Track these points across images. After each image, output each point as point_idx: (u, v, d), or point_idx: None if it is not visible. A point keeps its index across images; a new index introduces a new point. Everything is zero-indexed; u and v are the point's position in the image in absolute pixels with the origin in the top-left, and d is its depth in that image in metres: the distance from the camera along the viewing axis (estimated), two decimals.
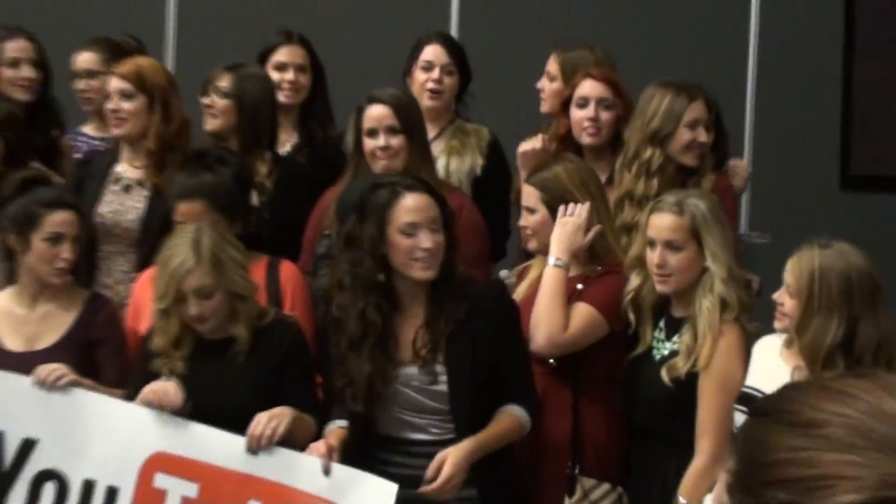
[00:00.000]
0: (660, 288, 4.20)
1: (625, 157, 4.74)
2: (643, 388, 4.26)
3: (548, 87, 5.14)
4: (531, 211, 4.37)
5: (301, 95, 5.26)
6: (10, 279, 4.56)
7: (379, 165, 4.57)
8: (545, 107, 5.14)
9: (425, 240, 4.01)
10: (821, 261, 3.86)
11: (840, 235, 4.03)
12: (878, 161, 6.12)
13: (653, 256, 4.19)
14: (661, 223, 4.19)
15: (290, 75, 5.23)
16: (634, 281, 4.34)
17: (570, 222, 4.42)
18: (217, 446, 4.24)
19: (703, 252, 4.20)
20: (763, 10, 6.58)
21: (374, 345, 4.06)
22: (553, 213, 4.39)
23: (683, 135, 4.55)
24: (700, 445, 4.14)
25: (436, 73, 5.17)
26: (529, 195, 4.42)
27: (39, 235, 4.29)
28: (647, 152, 4.65)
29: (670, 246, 4.16)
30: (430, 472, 3.90)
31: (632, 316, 4.31)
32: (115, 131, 4.96)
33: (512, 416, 4.10)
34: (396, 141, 4.59)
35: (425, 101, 5.15)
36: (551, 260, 4.33)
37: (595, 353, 4.40)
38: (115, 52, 5.46)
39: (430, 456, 3.98)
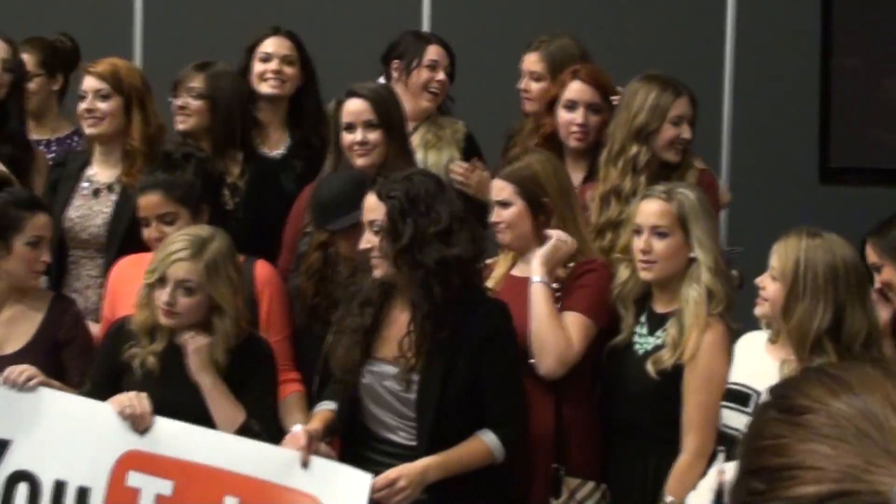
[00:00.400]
0: (643, 275, 4.20)
1: (609, 153, 4.72)
2: (627, 383, 4.24)
3: (534, 87, 5.12)
4: (505, 205, 4.33)
5: (287, 87, 5.22)
6: None
7: (357, 160, 4.57)
8: (530, 107, 5.12)
9: (363, 241, 4.01)
10: (807, 247, 3.88)
11: (820, 227, 4.01)
12: (857, 154, 6.12)
13: (638, 242, 4.18)
14: (649, 209, 4.20)
15: (273, 65, 5.19)
16: (623, 273, 4.32)
17: (564, 249, 4.39)
18: (190, 442, 4.23)
19: (689, 241, 4.20)
20: (740, 4, 6.61)
21: (359, 332, 4.05)
22: (530, 203, 4.35)
23: (668, 131, 4.56)
24: (686, 442, 4.18)
25: (441, 75, 5.21)
26: (502, 189, 4.38)
27: (22, 239, 4.29)
28: (633, 149, 4.66)
29: (656, 232, 4.16)
30: (378, 482, 3.90)
31: (622, 310, 4.31)
32: (90, 131, 4.93)
33: (481, 442, 4.05)
34: (374, 136, 4.58)
35: (425, 102, 5.22)
36: (536, 278, 4.27)
37: None
38: (48, 52, 5.59)
39: (398, 458, 3.99)
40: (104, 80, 4.91)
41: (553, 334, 4.24)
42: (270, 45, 5.26)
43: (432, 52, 5.26)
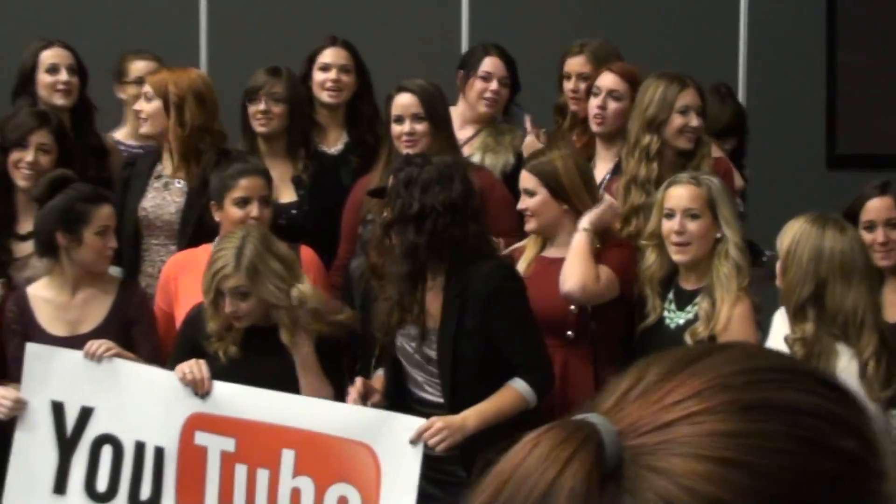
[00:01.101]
0: (678, 258, 4.34)
1: (628, 145, 4.88)
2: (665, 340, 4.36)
3: (583, 87, 5.25)
4: (530, 193, 4.48)
5: (344, 95, 5.37)
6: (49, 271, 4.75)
7: (405, 149, 4.72)
8: (579, 106, 5.25)
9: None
10: (803, 231, 4.08)
11: (827, 212, 4.22)
12: (862, 141, 6.17)
13: (672, 225, 4.31)
14: (681, 193, 4.35)
15: (332, 74, 5.33)
16: (651, 256, 4.49)
17: (613, 210, 4.61)
18: (248, 403, 4.38)
19: (717, 222, 4.34)
20: (751, 4, 6.74)
21: (393, 299, 4.26)
22: (553, 193, 4.49)
23: (676, 120, 4.69)
24: None
25: (494, 84, 5.32)
26: (528, 179, 4.54)
27: (91, 230, 4.49)
28: (646, 139, 4.76)
29: (689, 214, 4.30)
30: (423, 428, 4.03)
31: (648, 290, 4.45)
32: (141, 130, 5.17)
33: (513, 389, 4.17)
34: (421, 127, 4.75)
35: (481, 109, 5.33)
36: (583, 224, 4.40)
37: (607, 323, 4.52)
38: (161, 63, 5.65)
39: (428, 415, 4.11)
40: (151, 85, 5.13)
41: (582, 264, 4.37)
42: (329, 55, 5.39)
43: (486, 64, 5.35)
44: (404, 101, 4.81)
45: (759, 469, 0.87)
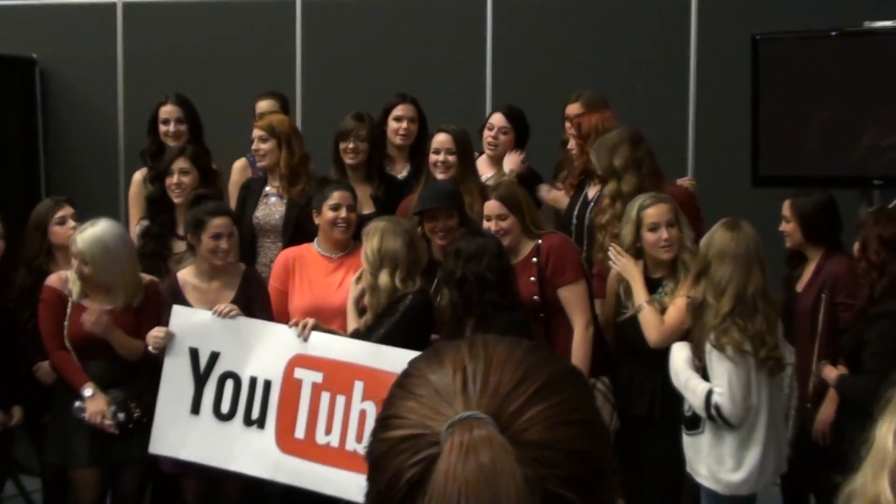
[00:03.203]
0: (666, 256, 4.72)
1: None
2: (639, 329, 4.74)
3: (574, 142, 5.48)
4: (501, 218, 4.81)
5: (411, 139, 5.80)
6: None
7: (438, 175, 5.21)
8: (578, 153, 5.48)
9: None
10: (715, 232, 4.49)
11: (752, 221, 4.57)
12: (780, 165, 6.09)
13: (661, 233, 4.67)
14: (661, 210, 4.68)
15: (405, 125, 5.77)
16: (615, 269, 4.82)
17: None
18: (334, 348, 4.61)
19: (679, 226, 4.72)
20: (699, 64, 7.22)
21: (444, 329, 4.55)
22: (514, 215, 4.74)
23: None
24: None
25: (493, 133, 5.73)
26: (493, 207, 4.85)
27: (206, 234, 4.88)
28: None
29: (670, 224, 4.70)
30: None
31: (622, 291, 4.80)
32: (259, 163, 5.65)
33: None
34: (452, 158, 5.21)
35: (486, 151, 5.75)
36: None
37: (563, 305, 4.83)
38: (283, 101, 6.39)
39: None
40: (264, 129, 5.59)
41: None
42: (401, 109, 5.78)
43: (492, 118, 5.81)
44: (441, 139, 5.22)
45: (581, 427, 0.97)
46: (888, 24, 5.95)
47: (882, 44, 5.91)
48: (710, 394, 4.39)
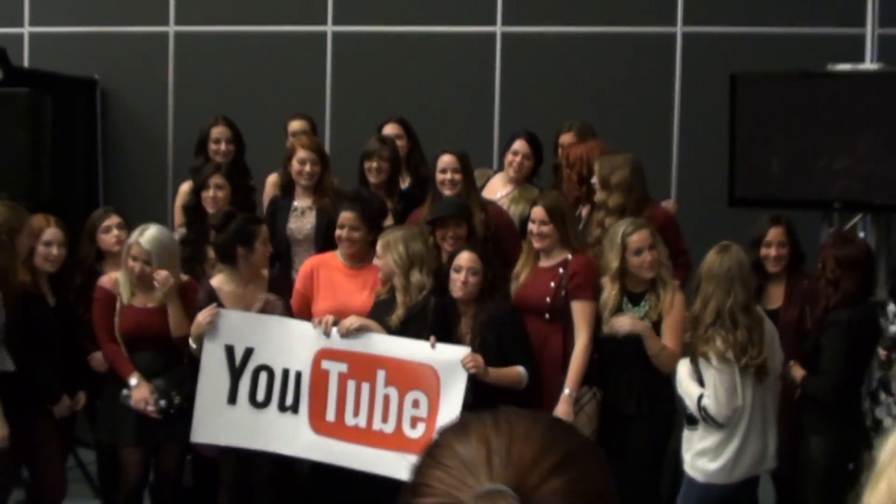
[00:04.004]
0: (649, 275, 4.92)
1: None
2: (622, 339, 4.93)
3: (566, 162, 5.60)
4: (545, 223, 5.02)
5: (402, 153, 6.05)
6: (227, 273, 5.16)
7: (445, 191, 5.41)
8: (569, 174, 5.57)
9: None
10: (710, 257, 4.69)
11: (728, 236, 4.86)
12: (753, 188, 6.39)
13: (646, 256, 4.89)
14: (643, 236, 4.89)
15: (400, 141, 6.10)
16: (613, 286, 4.98)
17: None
18: (357, 341, 4.78)
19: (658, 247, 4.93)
20: (682, 102, 7.44)
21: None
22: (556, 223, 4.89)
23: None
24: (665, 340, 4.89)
25: (518, 158, 5.90)
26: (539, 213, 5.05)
27: (259, 242, 5.13)
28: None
29: (651, 247, 4.92)
30: (465, 356, 4.56)
31: (607, 313, 4.94)
32: (303, 182, 5.77)
33: (516, 369, 4.74)
34: (458, 177, 5.42)
35: (511, 173, 5.88)
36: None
37: (570, 311, 5.02)
38: (311, 122, 6.55)
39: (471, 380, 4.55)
40: (311, 150, 5.84)
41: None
42: (389, 128, 6.12)
43: (515, 144, 5.94)
44: (447, 160, 5.46)
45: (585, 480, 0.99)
46: (846, 66, 6.53)
47: (842, 83, 6.45)
48: (700, 397, 4.68)
